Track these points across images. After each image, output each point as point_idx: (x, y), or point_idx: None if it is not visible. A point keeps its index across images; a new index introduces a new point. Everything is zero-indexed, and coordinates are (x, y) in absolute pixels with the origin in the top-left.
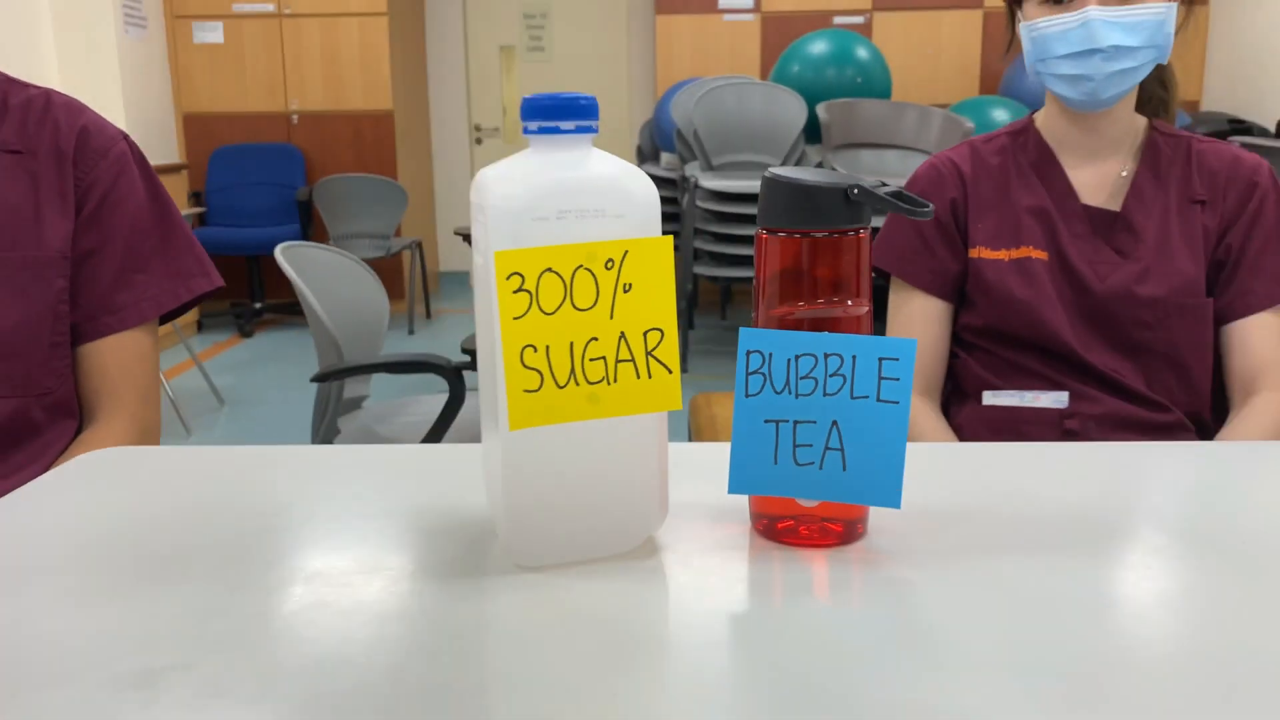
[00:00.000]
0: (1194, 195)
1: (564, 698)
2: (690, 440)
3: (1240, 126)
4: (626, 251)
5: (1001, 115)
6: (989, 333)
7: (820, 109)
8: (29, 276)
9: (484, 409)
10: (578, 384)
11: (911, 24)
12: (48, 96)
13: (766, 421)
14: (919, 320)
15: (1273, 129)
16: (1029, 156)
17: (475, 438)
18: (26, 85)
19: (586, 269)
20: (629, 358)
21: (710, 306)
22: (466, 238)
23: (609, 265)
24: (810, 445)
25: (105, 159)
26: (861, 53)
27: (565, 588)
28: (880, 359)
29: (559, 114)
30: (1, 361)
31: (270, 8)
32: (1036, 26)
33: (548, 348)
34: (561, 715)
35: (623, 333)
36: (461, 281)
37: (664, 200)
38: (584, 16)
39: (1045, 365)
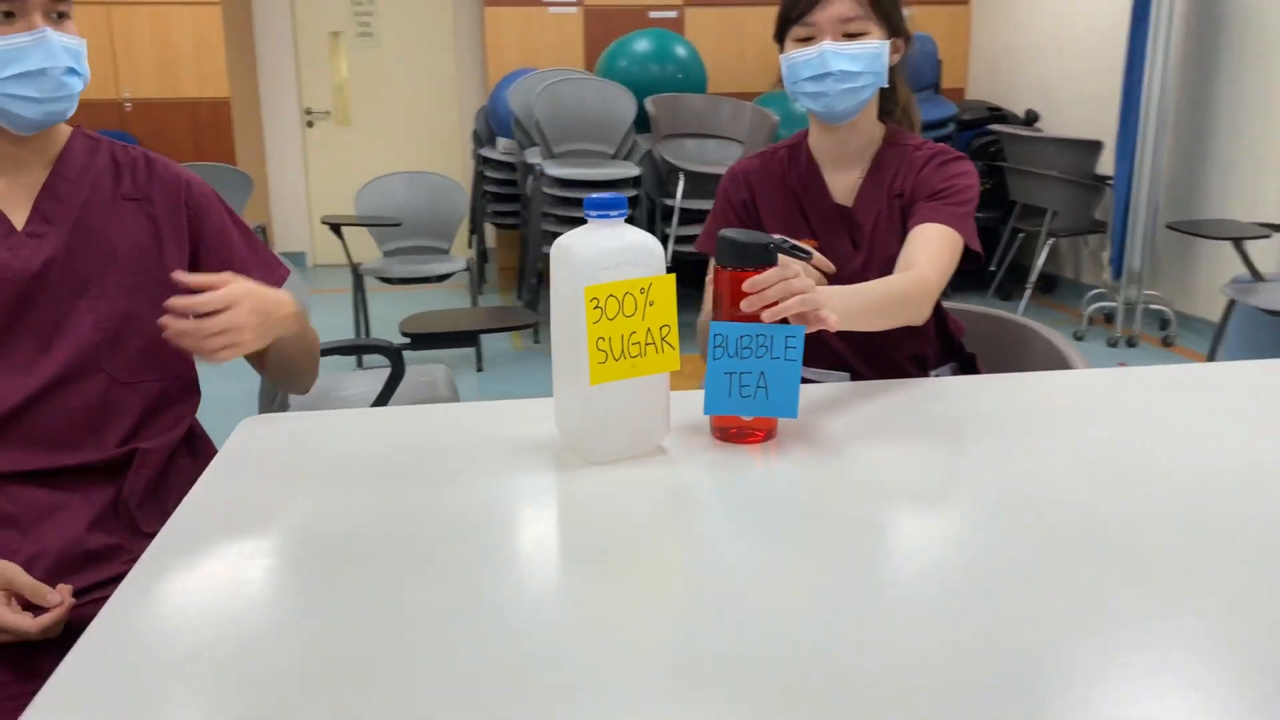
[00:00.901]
0: (894, 191)
1: (619, 520)
2: None
3: (998, 114)
4: (651, 284)
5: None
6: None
7: (648, 103)
8: (162, 294)
9: (560, 375)
10: (626, 356)
11: (720, 19)
12: (145, 155)
13: (725, 373)
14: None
15: (1024, 117)
16: (799, 167)
17: (411, 404)
18: (127, 147)
19: (630, 294)
20: (651, 341)
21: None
22: (333, 228)
23: (641, 291)
24: (748, 385)
25: (206, 200)
26: (680, 50)
27: (616, 470)
28: (785, 337)
29: (609, 207)
30: (151, 356)
31: None
32: (790, 58)
33: (610, 337)
34: (618, 527)
35: (648, 328)
36: (299, 262)
37: (501, 182)
38: (411, 4)
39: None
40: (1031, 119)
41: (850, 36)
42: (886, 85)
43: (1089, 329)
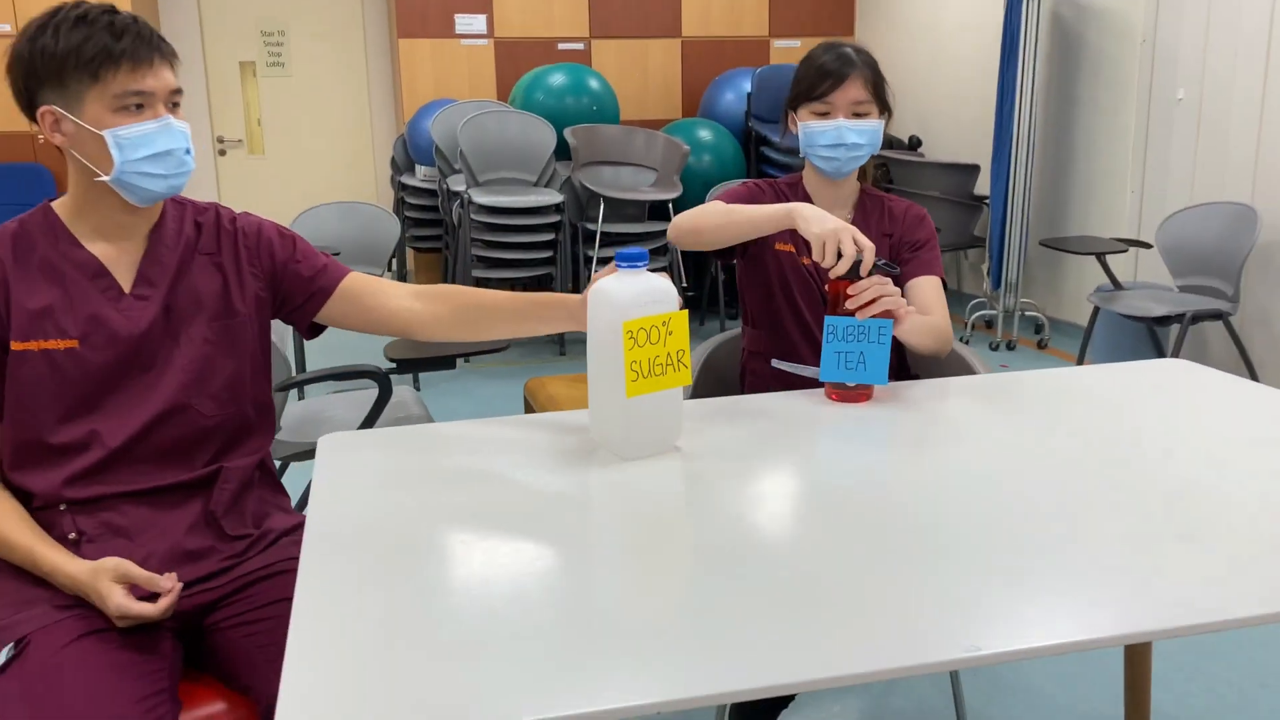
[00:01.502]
0: (883, 231)
1: (651, 498)
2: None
3: (884, 140)
4: (670, 318)
5: (706, 134)
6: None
7: (568, 133)
8: (233, 335)
9: (597, 390)
10: (653, 375)
11: (623, 50)
12: (215, 209)
13: (835, 352)
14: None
15: (907, 142)
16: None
17: (396, 425)
18: (204, 208)
19: (655, 326)
20: (670, 363)
21: None
22: None
23: (664, 324)
24: (851, 361)
25: (260, 233)
26: (593, 83)
27: (644, 464)
28: (879, 328)
29: (636, 259)
30: (231, 388)
31: (7, 27)
32: (809, 127)
33: (640, 361)
34: (649, 503)
35: (668, 352)
36: None
37: (422, 208)
38: (322, 35)
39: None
40: (915, 144)
41: (857, 115)
42: (877, 151)
43: (972, 334)
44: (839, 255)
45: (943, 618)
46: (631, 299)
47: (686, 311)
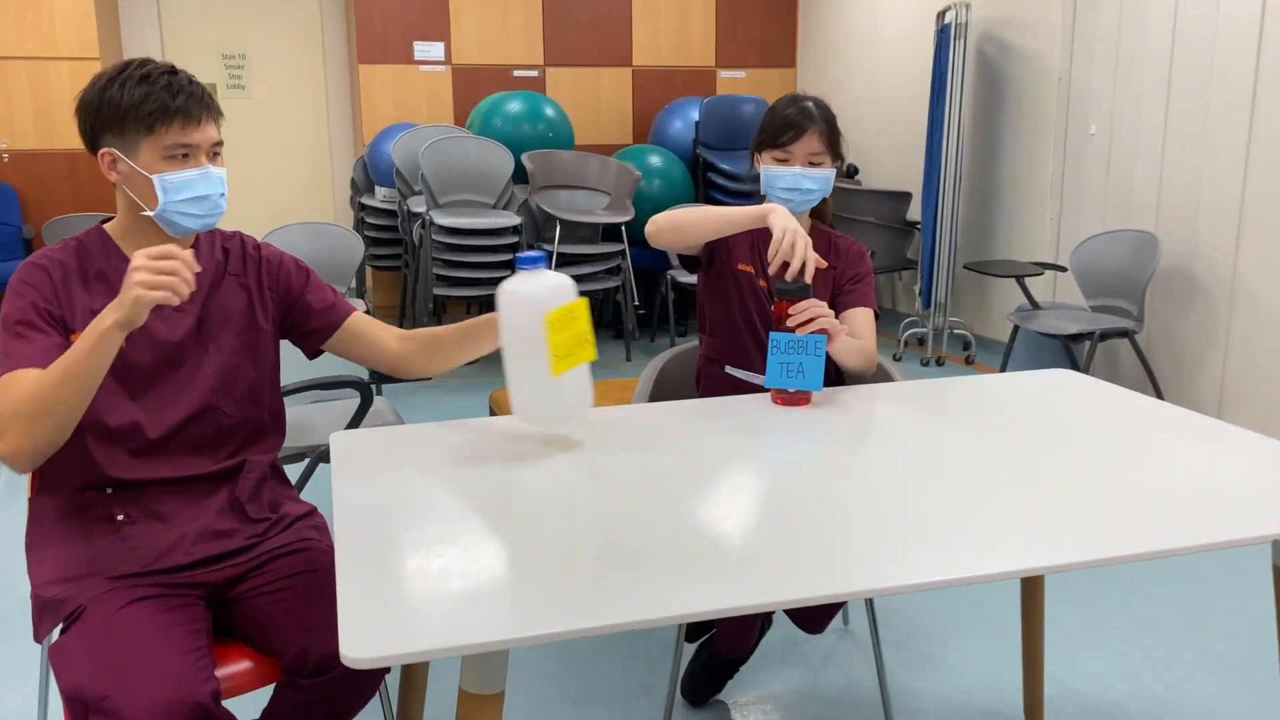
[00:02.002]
0: (830, 264)
1: (615, 476)
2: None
3: None
4: (574, 307)
5: (656, 160)
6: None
7: (525, 158)
8: (256, 347)
9: (517, 376)
10: (569, 354)
11: (576, 78)
12: (240, 238)
13: (779, 363)
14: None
15: (845, 171)
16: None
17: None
18: (229, 235)
19: (566, 315)
20: (580, 343)
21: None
22: None
23: (570, 314)
24: (791, 370)
25: (281, 263)
26: (549, 111)
27: (610, 450)
28: (815, 342)
29: (536, 263)
30: (252, 393)
31: None
32: (770, 171)
33: (559, 345)
34: (614, 482)
35: (576, 334)
36: None
37: (381, 228)
38: (281, 60)
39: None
40: (852, 173)
41: (812, 164)
42: (828, 196)
43: (905, 351)
44: (783, 268)
45: (853, 562)
46: (547, 294)
47: (587, 299)
